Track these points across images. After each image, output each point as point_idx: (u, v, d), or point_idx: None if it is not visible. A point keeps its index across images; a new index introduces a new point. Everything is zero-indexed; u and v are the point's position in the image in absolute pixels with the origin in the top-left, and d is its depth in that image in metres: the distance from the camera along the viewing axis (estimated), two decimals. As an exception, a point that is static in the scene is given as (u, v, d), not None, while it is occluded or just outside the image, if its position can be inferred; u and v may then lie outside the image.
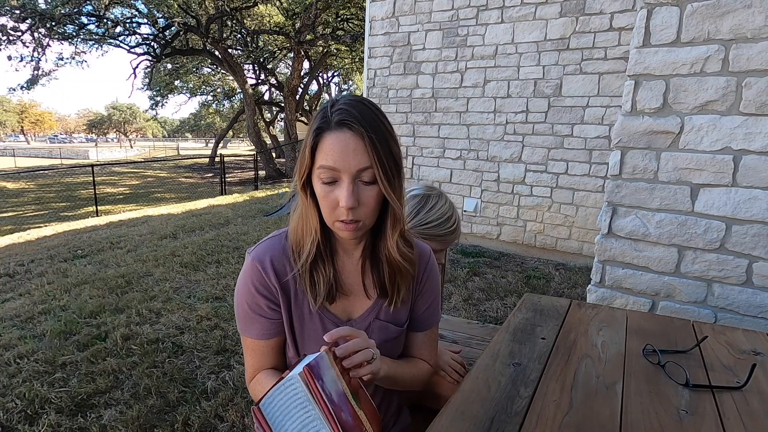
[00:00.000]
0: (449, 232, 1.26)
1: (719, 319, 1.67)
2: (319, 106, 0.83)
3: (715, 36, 1.57)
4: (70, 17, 12.63)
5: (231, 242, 5.30)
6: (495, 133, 4.82)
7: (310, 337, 0.90)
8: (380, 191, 0.79)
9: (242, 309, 0.88)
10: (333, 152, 0.76)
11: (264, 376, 0.91)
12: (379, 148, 0.76)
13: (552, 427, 0.79)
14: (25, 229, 7.81)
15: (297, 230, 0.86)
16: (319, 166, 0.77)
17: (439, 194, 1.30)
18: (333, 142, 0.76)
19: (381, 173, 0.77)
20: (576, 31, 4.22)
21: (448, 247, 1.32)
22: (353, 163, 0.76)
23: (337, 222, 0.79)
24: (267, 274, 0.85)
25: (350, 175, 0.76)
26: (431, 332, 1.01)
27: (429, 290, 0.97)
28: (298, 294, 0.88)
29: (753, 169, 1.55)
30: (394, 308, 0.92)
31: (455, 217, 1.29)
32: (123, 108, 56.18)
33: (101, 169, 19.95)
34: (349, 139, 0.76)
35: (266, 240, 0.90)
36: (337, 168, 0.76)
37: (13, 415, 2.05)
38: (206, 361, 2.56)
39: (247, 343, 0.91)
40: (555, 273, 4.24)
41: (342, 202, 0.76)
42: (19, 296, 3.75)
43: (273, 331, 0.89)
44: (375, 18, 5.44)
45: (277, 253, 0.87)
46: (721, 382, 0.95)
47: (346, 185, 0.76)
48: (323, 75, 23.30)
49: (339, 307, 0.90)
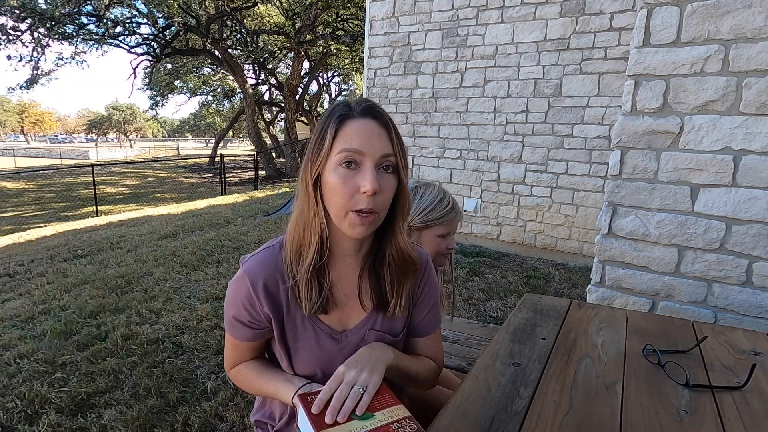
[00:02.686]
0: (448, 211, 1.29)
1: (719, 319, 1.67)
2: (328, 107, 0.83)
3: (715, 36, 1.57)
4: (70, 17, 12.62)
5: (231, 242, 5.29)
6: (495, 133, 4.82)
7: (303, 348, 0.88)
8: (397, 182, 0.80)
9: (228, 314, 0.89)
10: (359, 136, 0.76)
11: (245, 368, 0.94)
12: (400, 139, 0.80)
13: (552, 427, 0.79)
14: (25, 229, 7.81)
15: (297, 234, 0.82)
16: (341, 150, 0.76)
17: (425, 184, 1.33)
18: (359, 127, 0.77)
19: (402, 162, 0.79)
20: (576, 31, 4.22)
21: (453, 230, 1.33)
22: (378, 148, 0.76)
23: (352, 213, 0.76)
24: (257, 296, 0.83)
25: (374, 160, 0.76)
26: (434, 335, 1.00)
27: (429, 294, 0.96)
28: (291, 306, 0.86)
29: (753, 169, 1.55)
30: (391, 318, 0.90)
31: (448, 197, 1.31)
32: (123, 108, 56.17)
33: (101, 169, 19.94)
34: (375, 126, 0.77)
35: (260, 252, 0.87)
36: (362, 151, 0.75)
37: (13, 415, 2.05)
38: (206, 361, 2.56)
39: (230, 339, 0.93)
40: (555, 273, 4.24)
41: (366, 186, 0.74)
42: (19, 296, 3.75)
43: (255, 337, 0.90)
44: (375, 18, 5.44)
45: (270, 270, 0.84)
46: (721, 382, 0.95)
47: (370, 169, 0.75)
48: (323, 75, 23.30)
49: (333, 318, 0.88)
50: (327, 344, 0.88)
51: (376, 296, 0.88)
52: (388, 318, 0.90)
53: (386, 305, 0.88)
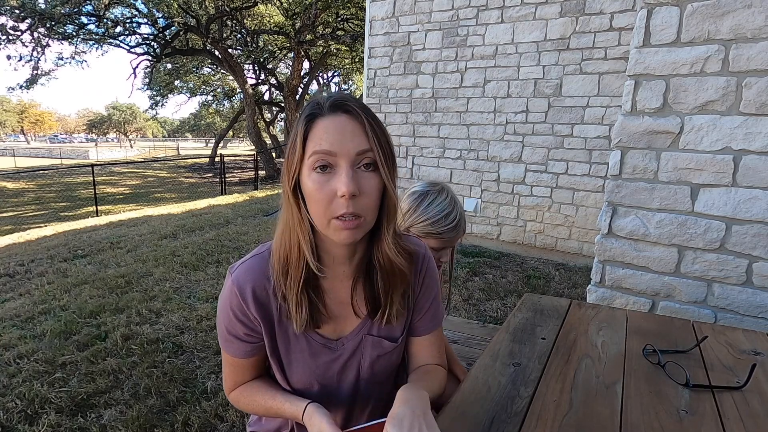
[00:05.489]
0: (448, 230, 1.19)
1: (719, 319, 1.67)
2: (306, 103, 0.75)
3: (715, 36, 1.57)
4: (69, 17, 12.62)
5: (231, 242, 5.29)
6: (495, 133, 4.82)
7: (297, 360, 0.85)
8: (380, 180, 0.72)
9: (221, 328, 0.84)
10: (328, 135, 0.69)
11: (251, 389, 0.88)
12: (378, 131, 0.71)
13: (552, 427, 0.79)
14: (25, 229, 7.81)
15: (282, 247, 0.77)
16: (312, 153, 0.69)
17: (439, 190, 1.24)
18: (328, 125, 0.70)
19: (381, 157, 0.71)
20: (576, 31, 4.22)
21: (451, 246, 1.26)
22: (352, 145, 0.69)
23: (335, 220, 0.70)
24: (246, 303, 0.79)
25: (349, 159, 0.69)
26: (436, 334, 0.94)
27: (428, 290, 0.90)
28: (282, 317, 0.81)
29: (753, 169, 1.55)
30: (388, 323, 0.85)
31: (456, 214, 1.21)
32: (123, 108, 56.16)
33: (101, 169, 19.94)
34: (347, 122, 0.70)
35: (248, 259, 0.82)
36: (334, 151, 0.68)
37: (13, 415, 2.05)
38: (206, 361, 2.56)
39: (226, 358, 0.87)
40: (555, 273, 4.24)
41: (342, 189, 0.67)
42: (19, 296, 3.75)
43: (251, 352, 0.85)
44: (375, 18, 5.44)
45: (258, 278, 0.79)
46: (721, 382, 0.95)
47: (345, 170, 0.68)
48: (323, 75, 23.32)
49: (328, 328, 0.84)
50: (322, 355, 0.85)
51: (371, 303, 0.84)
52: (384, 322, 0.86)
53: (381, 314, 0.84)
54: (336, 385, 0.89)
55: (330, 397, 0.89)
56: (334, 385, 0.89)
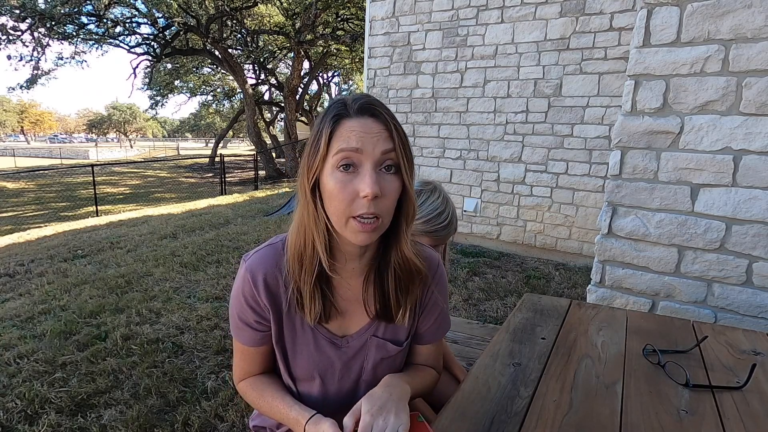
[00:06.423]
0: (442, 228, 1.22)
1: (719, 319, 1.67)
2: (327, 105, 0.77)
3: (715, 36, 1.57)
4: (69, 17, 12.62)
5: (231, 242, 5.29)
6: (495, 133, 4.82)
7: (302, 353, 0.86)
8: (401, 183, 0.74)
9: (233, 315, 0.86)
10: (356, 135, 0.71)
11: (260, 384, 0.89)
12: (402, 135, 0.74)
13: (552, 427, 0.79)
14: (25, 229, 7.81)
15: (298, 242, 0.78)
16: (338, 151, 0.71)
17: (432, 189, 1.26)
18: (355, 126, 0.72)
19: (404, 161, 0.74)
20: (576, 31, 4.22)
21: (442, 243, 1.28)
22: (378, 146, 0.71)
23: (353, 220, 0.71)
24: (258, 290, 0.81)
25: (373, 160, 0.71)
26: (438, 343, 0.97)
27: (438, 301, 0.92)
28: (291, 308, 0.83)
29: (753, 169, 1.55)
30: (394, 326, 0.87)
31: (448, 213, 1.24)
32: (123, 108, 56.16)
33: (101, 169, 19.94)
34: (373, 124, 0.72)
35: (263, 248, 0.84)
36: (361, 150, 0.70)
37: (13, 415, 2.05)
38: (206, 361, 2.56)
39: (237, 346, 0.89)
40: (555, 273, 4.24)
41: (365, 190, 0.69)
42: (19, 296, 3.75)
43: (262, 340, 0.87)
44: (375, 18, 5.44)
45: (270, 267, 0.82)
46: (721, 382, 0.95)
47: (369, 171, 0.70)
48: (323, 75, 23.30)
49: (335, 323, 0.86)
50: (326, 349, 0.86)
51: (380, 303, 0.85)
52: (392, 325, 0.88)
53: (389, 313, 0.85)
54: (336, 383, 0.89)
55: (328, 393, 0.90)
56: (334, 383, 0.89)
